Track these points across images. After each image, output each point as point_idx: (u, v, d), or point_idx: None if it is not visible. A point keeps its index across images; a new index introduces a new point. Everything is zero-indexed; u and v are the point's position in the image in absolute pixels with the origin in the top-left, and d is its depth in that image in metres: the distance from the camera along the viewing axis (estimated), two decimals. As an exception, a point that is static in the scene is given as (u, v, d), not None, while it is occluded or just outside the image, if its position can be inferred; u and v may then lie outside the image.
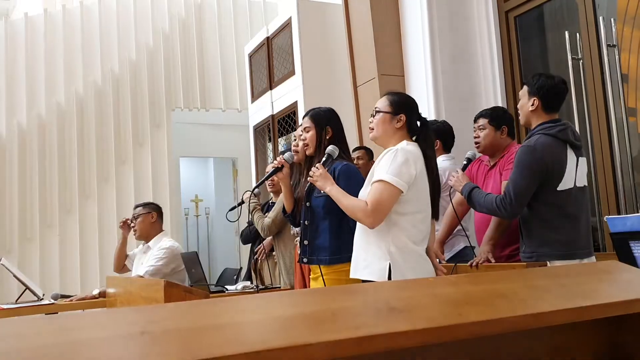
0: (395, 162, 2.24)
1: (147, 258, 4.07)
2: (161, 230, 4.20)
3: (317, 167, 2.45)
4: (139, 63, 7.25)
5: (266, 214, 3.95)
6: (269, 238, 4.06)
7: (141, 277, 3.84)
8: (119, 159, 7.08)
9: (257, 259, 4.30)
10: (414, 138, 2.44)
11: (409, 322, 0.83)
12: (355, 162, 4.11)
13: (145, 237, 4.13)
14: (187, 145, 8.19)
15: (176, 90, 7.41)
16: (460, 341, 0.95)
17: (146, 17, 7.35)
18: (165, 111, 7.32)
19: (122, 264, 4.35)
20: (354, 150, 4.34)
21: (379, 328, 0.81)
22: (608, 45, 3.88)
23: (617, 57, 3.91)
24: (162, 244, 4.02)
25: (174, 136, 7.47)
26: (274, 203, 4.03)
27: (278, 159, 2.82)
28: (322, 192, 2.58)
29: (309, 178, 2.47)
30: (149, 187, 7.13)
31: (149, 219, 4.12)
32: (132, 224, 4.14)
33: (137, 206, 4.27)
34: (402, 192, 2.24)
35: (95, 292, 4.00)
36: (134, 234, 4.17)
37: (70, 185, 6.85)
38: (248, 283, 4.00)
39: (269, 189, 4.13)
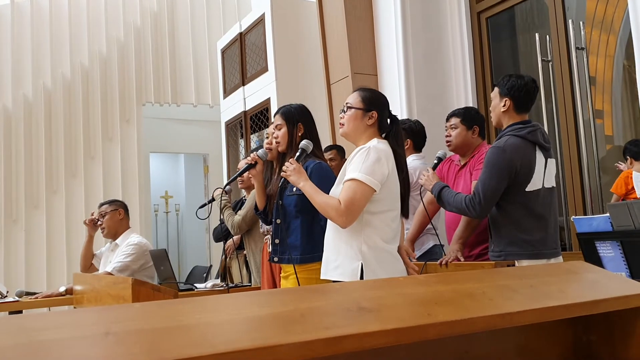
0: (368, 161, 2.23)
1: (115, 256, 4.01)
2: (129, 227, 4.14)
3: (290, 162, 2.43)
4: (110, 57, 7.14)
5: (237, 211, 3.92)
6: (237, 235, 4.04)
7: (109, 273, 3.78)
8: (88, 153, 6.96)
9: (226, 256, 4.27)
10: (383, 135, 2.44)
11: (379, 322, 0.83)
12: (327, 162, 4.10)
13: (113, 234, 4.08)
14: (157, 141, 8.10)
15: (147, 84, 7.31)
16: (430, 341, 0.95)
17: (117, 10, 7.24)
18: (135, 106, 7.22)
19: (89, 263, 4.27)
20: (326, 149, 4.33)
21: (349, 328, 0.80)
22: (577, 48, 3.95)
23: (585, 60, 3.98)
24: (131, 240, 3.97)
25: (144, 131, 7.38)
26: (245, 200, 4.01)
27: (252, 155, 2.80)
28: (294, 190, 2.56)
29: (282, 173, 2.45)
30: (118, 183, 7.03)
31: (117, 216, 4.07)
32: (100, 222, 4.08)
33: (102, 204, 4.20)
34: (375, 191, 2.24)
35: (62, 289, 3.92)
36: (102, 232, 4.11)
37: (37, 179, 6.71)
38: (218, 281, 3.96)
39: (239, 186, 4.11)
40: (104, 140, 7.04)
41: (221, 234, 4.42)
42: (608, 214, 2.40)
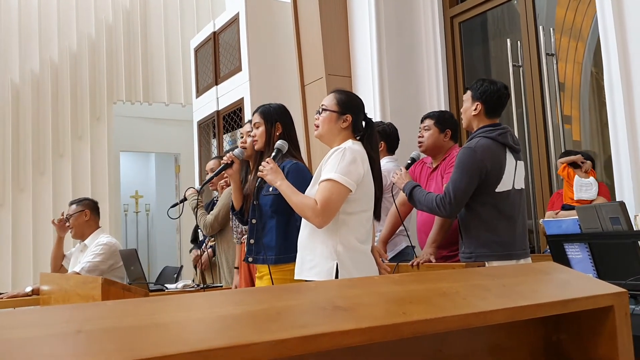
0: (343, 161, 2.24)
1: (84, 256, 3.95)
2: (97, 227, 4.08)
3: (267, 162, 2.43)
4: (80, 53, 7.02)
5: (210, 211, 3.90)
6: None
7: (77, 273, 3.72)
8: (56, 151, 6.84)
9: (195, 267, 4.23)
10: (358, 137, 2.45)
11: (354, 320, 0.83)
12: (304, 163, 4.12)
13: (81, 235, 4.02)
14: (128, 140, 7.99)
15: (118, 82, 7.22)
16: (404, 339, 0.95)
17: (88, 6, 7.13)
18: (106, 104, 7.12)
19: (59, 264, 4.20)
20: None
21: (324, 327, 0.80)
22: (547, 54, 4.02)
23: (555, 65, 4.06)
24: (100, 241, 3.92)
25: (115, 130, 7.28)
26: (217, 201, 3.98)
27: (228, 155, 2.78)
28: (270, 190, 2.55)
29: (259, 173, 2.44)
30: (88, 182, 6.92)
31: (83, 217, 4.01)
32: (68, 223, 4.02)
33: (71, 203, 4.14)
34: (351, 191, 2.25)
35: (28, 289, 3.84)
36: (70, 233, 4.05)
37: (3, 177, 6.57)
38: (189, 282, 3.92)
39: (210, 187, 4.08)
40: (74, 138, 6.93)
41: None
42: (577, 217, 2.44)
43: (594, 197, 3.46)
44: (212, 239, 4.07)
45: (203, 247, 4.18)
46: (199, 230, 4.25)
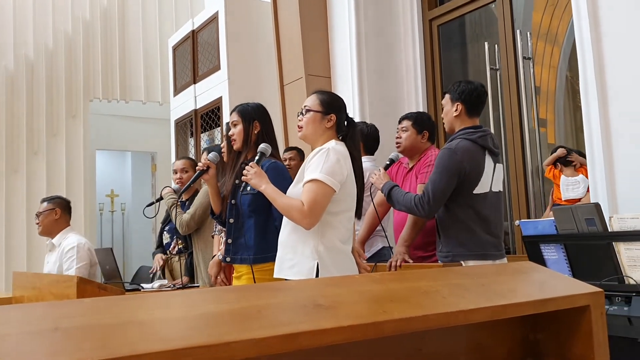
0: (328, 162, 2.24)
1: (53, 257, 3.90)
2: (67, 226, 4.02)
3: (250, 166, 2.41)
4: (56, 50, 6.92)
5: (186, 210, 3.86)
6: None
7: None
8: (31, 149, 6.72)
9: (168, 257, 4.17)
10: (340, 138, 2.45)
11: (335, 319, 0.83)
12: (287, 162, 4.10)
13: (49, 233, 3.97)
14: (104, 138, 7.90)
15: (95, 80, 7.13)
16: (384, 338, 0.95)
17: (65, 2, 7.02)
18: (82, 101, 7.02)
19: None
20: (286, 150, 4.33)
21: (305, 325, 0.80)
22: (524, 58, 4.07)
23: (531, 69, 4.11)
24: (67, 243, 3.86)
25: (91, 128, 7.19)
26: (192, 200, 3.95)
27: (203, 160, 2.75)
28: (249, 189, 2.54)
29: (243, 177, 2.42)
30: (62, 180, 6.82)
31: (53, 215, 3.95)
32: (37, 221, 3.97)
33: (43, 200, 4.08)
34: (335, 191, 2.25)
35: None
36: (38, 230, 4.00)
37: (-25, 174, 6.45)
38: (165, 281, 3.89)
39: (184, 197, 4.03)
40: (48, 135, 6.82)
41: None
42: (553, 218, 2.48)
43: (582, 195, 3.46)
44: (181, 241, 4.03)
45: (170, 250, 4.13)
46: (165, 233, 4.20)
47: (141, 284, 3.88)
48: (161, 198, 3.84)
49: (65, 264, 3.80)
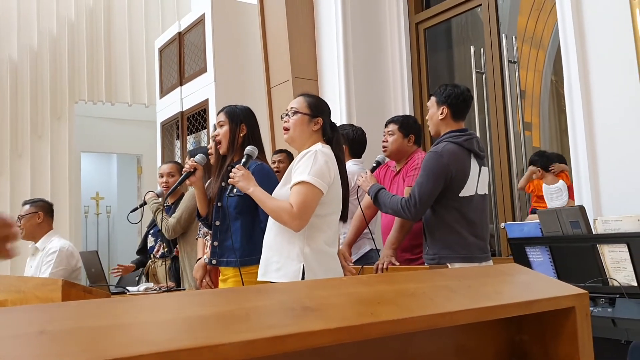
0: (316, 164, 2.24)
1: (36, 261, 3.86)
2: (50, 229, 3.98)
3: (237, 169, 2.40)
4: (41, 51, 6.86)
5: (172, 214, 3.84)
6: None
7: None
8: (15, 151, 6.66)
9: (152, 260, 4.14)
10: (325, 140, 2.46)
11: (323, 321, 0.83)
12: (276, 165, 4.09)
13: (32, 237, 3.91)
14: (89, 140, 7.84)
15: (80, 81, 7.07)
16: (371, 340, 0.96)
17: (50, 2, 6.97)
18: (67, 103, 6.97)
19: None
20: (275, 153, 4.32)
21: (293, 327, 0.80)
22: (509, 62, 4.10)
23: (517, 73, 4.14)
24: (51, 247, 3.81)
25: (76, 130, 7.13)
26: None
27: (189, 162, 2.73)
28: (235, 191, 2.53)
29: (230, 180, 2.40)
30: (47, 183, 6.76)
31: (35, 219, 3.90)
32: (19, 224, 3.91)
33: (25, 203, 4.02)
34: (324, 193, 2.25)
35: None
36: (21, 234, 3.94)
37: (-42, 177, 6.37)
38: (151, 284, 3.86)
39: (169, 201, 4.01)
40: (33, 137, 6.76)
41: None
42: (538, 220, 2.50)
43: (566, 202, 3.49)
44: (165, 245, 4.01)
45: (153, 253, 4.10)
46: (149, 236, 4.17)
47: (127, 287, 3.86)
48: (145, 203, 3.82)
49: (42, 267, 3.75)
